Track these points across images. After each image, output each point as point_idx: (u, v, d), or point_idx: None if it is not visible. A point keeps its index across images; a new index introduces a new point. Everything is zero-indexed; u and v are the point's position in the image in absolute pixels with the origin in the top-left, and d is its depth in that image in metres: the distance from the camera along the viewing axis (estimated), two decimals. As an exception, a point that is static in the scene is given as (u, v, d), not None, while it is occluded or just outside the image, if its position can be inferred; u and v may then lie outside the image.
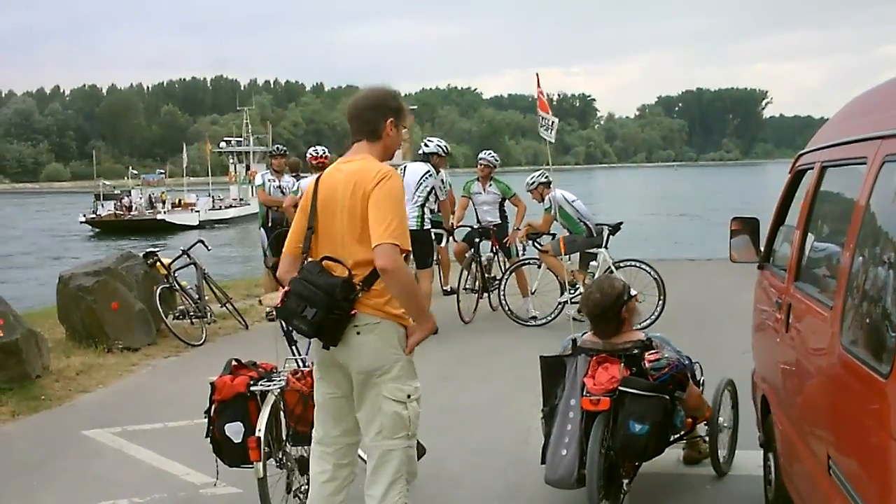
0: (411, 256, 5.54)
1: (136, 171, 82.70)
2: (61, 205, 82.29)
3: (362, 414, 3.95)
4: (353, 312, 3.80)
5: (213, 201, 63.89)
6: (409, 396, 3.90)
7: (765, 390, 4.79)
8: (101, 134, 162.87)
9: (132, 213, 56.64)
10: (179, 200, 62.19)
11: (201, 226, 55.20)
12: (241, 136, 79.71)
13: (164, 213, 57.09)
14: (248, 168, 66.97)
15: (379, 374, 3.86)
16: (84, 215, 56.05)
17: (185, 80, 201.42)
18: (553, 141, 9.94)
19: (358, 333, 3.83)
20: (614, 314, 4.96)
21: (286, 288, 3.85)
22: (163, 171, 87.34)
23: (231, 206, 63.70)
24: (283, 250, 4.13)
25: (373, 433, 3.92)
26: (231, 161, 75.90)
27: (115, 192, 63.30)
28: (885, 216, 2.92)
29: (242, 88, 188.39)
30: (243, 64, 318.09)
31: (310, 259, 3.96)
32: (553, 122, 10.00)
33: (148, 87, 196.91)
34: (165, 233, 48.59)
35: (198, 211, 59.05)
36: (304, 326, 3.81)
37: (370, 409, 3.91)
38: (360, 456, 4.25)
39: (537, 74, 9.91)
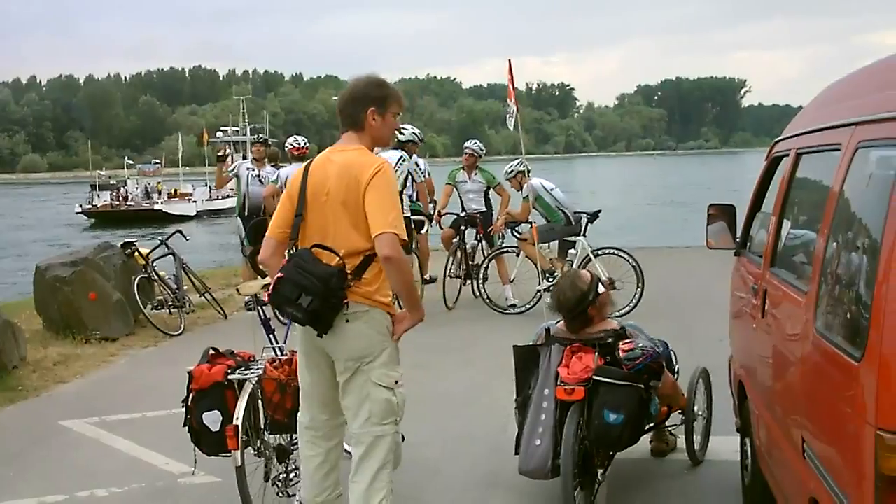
0: None
1: (131, 161, 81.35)
2: (45, 194, 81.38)
3: (348, 402, 3.95)
4: (345, 301, 3.81)
5: (210, 191, 63.28)
6: (396, 382, 3.94)
7: (741, 376, 4.81)
8: (79, 124, 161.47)
9: (128, 203, 56.26)
10: (175, 191, 61.51)
11: (198, 216, 54.75)
12: (235, 126, 78.09)
13: (161, 203, 56.59)
14: (244, 158, 65.90)
15: (368, 362, 3.88)
16: (80, 206, 55.55)
17: (163, 70, 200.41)
18: (512, 128, 10.05)
19: (347, 321, 3.84)
20: (580, 312, 4.94)
21: (278, 274, 3.82)
22: (158, 160, 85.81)
23: (228, 196, 62.65)
24: (267, 233, 4.11)
25: (361, 420, 3.92)
26: (227, 151, 74.49)
27: (111, 182, 62.64)
28: (858, 202, 2.95)
29: (221, 79, 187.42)
30: (222, 54, 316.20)
31: (299, 246, 3.96)
32: (513, 110, 10.10)
33: (126, 78, 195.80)
34: (162, 223, 48.09)
35: (195, 201, 58.51)
36: (299, 314, 3.78)
37: (357, 396, 3.91)
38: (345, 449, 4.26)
39: (509, 61, 10.09)
